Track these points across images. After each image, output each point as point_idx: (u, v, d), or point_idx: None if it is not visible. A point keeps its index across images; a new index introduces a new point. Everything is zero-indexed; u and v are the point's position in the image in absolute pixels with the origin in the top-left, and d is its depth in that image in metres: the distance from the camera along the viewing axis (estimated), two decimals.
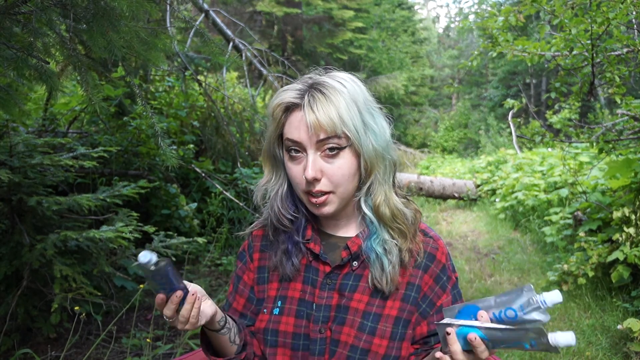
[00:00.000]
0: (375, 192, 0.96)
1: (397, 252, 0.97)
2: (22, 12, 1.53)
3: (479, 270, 4.56)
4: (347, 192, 0.96)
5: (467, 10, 32.79)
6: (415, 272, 0.99)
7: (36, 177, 2.60)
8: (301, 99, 0.91)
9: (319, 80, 0.94)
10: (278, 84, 5.17)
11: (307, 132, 0.90)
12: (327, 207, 0.95)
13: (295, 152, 0.93)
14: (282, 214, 1.02)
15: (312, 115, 0.88)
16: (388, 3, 23.75)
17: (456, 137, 20.38)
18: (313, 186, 0.93)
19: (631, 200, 3.66)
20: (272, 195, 1.04)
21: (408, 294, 0.98)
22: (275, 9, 13.60)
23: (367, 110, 0.94)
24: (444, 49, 30.56)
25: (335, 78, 0.94)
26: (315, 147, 0.91)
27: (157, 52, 1.89)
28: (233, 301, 1.10)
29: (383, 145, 0.95)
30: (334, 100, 0.89)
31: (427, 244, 1.02)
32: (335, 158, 0.92)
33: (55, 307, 2.34)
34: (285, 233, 1.04)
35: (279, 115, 0.95)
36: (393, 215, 0.97)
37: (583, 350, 2.83)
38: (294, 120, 0.93)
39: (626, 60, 3.30)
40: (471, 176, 9.39)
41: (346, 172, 0.93)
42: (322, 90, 0.91)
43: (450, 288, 1.01)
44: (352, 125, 0.90)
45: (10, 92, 1.86)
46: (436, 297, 1.00)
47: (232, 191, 4.42)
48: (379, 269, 0.96)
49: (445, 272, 1.01)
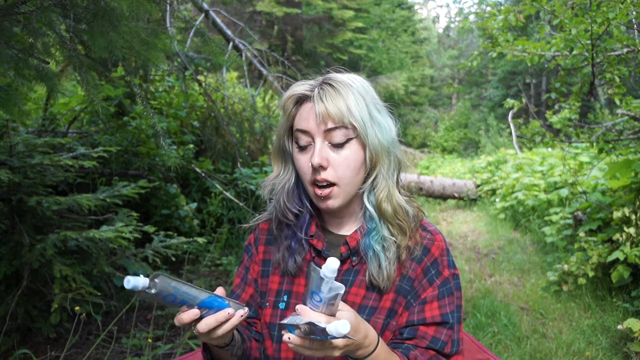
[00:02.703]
0: (379, 186, 0.98)
1: (394, 249, 0.98)
2: (22, 12, 1.53)
3: (479, 270, 4.56)
4: (352, 186, 0.98)
5: (467, 10, 32.79)
6: (410, 264, 1.00)
7: (36, 177, 2.60)
8: (312, 92, 0.96)
9: (330, 76, 0.99)
10: (278, 84, 5.17)
11: (315, 121, 0.94)
12: (332, 200, 0.97)
13: (304, 142, 0.97)
14: (288, 207, 1.04)
15: (321, 105, 0.93)
16: (388, 3, 23.74)
17: (456, 137, 20.38)
18: (318, 174, 0.95)
19: (631, 200, 3.66)
20: (279, 189, 1.06)
21: (400, 285, 0.99)
22: (275, 9, 13.60)
23: (374, 107, 0.97)
24: (444, 49, 30.55)
25: (345, 76, 1.00)
26: (323, 136, 0.94)
27: (157, 52, 1.90)
28: (242, 292, 1.11)
29: (389, 140, 0.98)
30: (343, 93, 0.94)
31: (424, 238, 1.02)
32: (342, 149, 0.95)
33: (55, 307, 2.34)
34: (289, 228, 1.06)
35: (289, 108, 0.99)
36: (395, 212, 0.98)
37: (583, 350, 2.83)
38: (304, 111, 0.97)
39: (626, 60, 3.30)
40: (471, 176, 9.39)
41: (352, 163, 0.95)
42: (332, 84, 0.95)
43: (438, 283, 1.00)
44: (360, 117, 0.94)
45: (10, 92, 1.86)
46: (422, 289, 1.00)
47: (232, 191, 4.42)
48: (376, 266, 0.97)
49: (435, 266, 1.01)
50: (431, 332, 0.98)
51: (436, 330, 0.98)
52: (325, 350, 0.79)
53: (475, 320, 3.29)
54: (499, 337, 3.04)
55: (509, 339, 3.02)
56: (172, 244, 2.95)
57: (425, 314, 0.98)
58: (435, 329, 0.98)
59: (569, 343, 2.92)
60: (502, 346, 2.96)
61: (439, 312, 0.98)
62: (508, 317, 3.30)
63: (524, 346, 2.92)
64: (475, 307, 3.51)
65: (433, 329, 0.98)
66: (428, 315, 0.98)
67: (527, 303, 3.65)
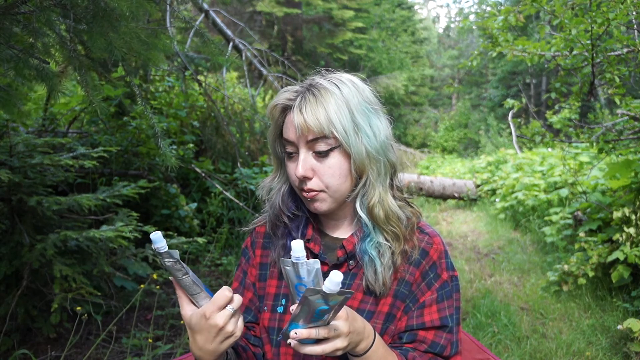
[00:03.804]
0: (368, 193, 0.97)
1: (389, 255, 0.97)
2: (22, 12, 1.53)
3: (479, 270, 4.56)
4: (340, 192, 0.97)
5: (467, 10, 32.80)
6: (408, 267, 0.99)
7: (36, 177, 2.60)
8: (294, 101, 0.94)
9: (315, 82, 0.96)
10: (278, 84, 5.17)
11: (296, 133, 0.92)
12: (319, 203, 0.97)
13: (291, 150, 0.96)
14: (282, 211, 1.04)
15: (299, 117, 0.91)
16: (388, 3, 23.75)
17: (456, 137, 20.39)
18: (305, 184, 0.95)
19: (631, 201, 3.66)
20: (275, 192, 1.06)
21: (398, 289, 0.99)
22: (275, 9, 13.61)
23: (362, 111, 0.94)
24: (444, 49, 30.57)
25: (332, 80, 0.96)
26: (306, 147, 0.93)
27: (157, 52, 1.89)
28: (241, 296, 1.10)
29: (376, 147, 0.95)
30: (324, 102, 0.91)
31: (422, 241, 1.02)
32: (326, 158, 0.94)
33: (55, 307, 2.34)
34: (285, 227, 1.05)
35: (276, 116, 0.98)
36: (387, 218, 0.97)
37: (583, 350, 2.83)
38: (288, 121, 0.96)
39: (626, 60, 3.30)
40: (471, 176, 9.40)
41: (336, 172, 0.94)
42: (314, 92, 0.92)
43: (437, 286, 0.99)
44: (341, 127, 0.91)
45: (10, 92, 1.86)
46: (420, 293, 0.99)
47: (232, 191, 4.42)
48: (372, 272, 0.96)
49: (434, 269, 1.00)
50: (430, 336, 0.97)
51: (435, 334, 0.97)
52: (333, 342, 0.79)
53: (475, 320, 3.29)
54: (499, 337, 3.04)
55: (509, 339, 3.02)
56: (172, 244, 2.94)
57: (424, 318, 0.98)
58: (435, 333, 0.97)
59: (569, 343, 2.92)
60: (502, 346, 2.96)
61: (438, 316, 0.98)
62: (508, 317, 3.30)
63: (524, 346, 2.92)
64: (475, 307, 3.51)
65: (432, 333, 0.97)
66: (427, 320, 0.97)
67: (527, 303, 3.65)
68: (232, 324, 0.83)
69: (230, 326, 0.83)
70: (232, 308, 0.83)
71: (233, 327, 0.83)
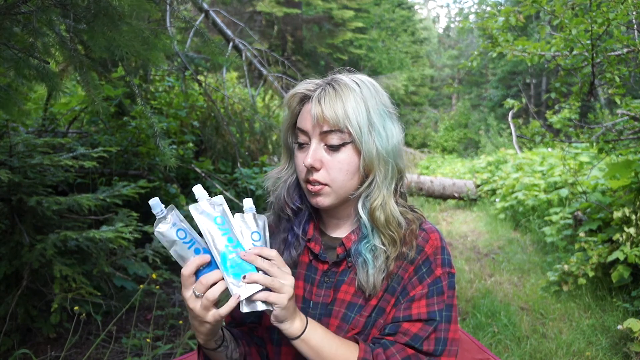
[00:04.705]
0: (373, 194, 0.97)
1: (383, 259, 0.97)
2: (22, 12, 1.52)
3: (479, 270, 4.56)
4: (344, 189, 0.97)
5: (467, 11, 32.80)
6: (402, 263, 0.99)
7: (36, 177, 2.60)
8: (314, 92, 0.96)
9: (337, 77, 0.98)
10: (278, 84, 5.17)
11: (312, 122, 0.94)
12: (322, 197, 0.97)
13: (303, 141, 0.97)
14: (287, 202, 1.05)
15: (318, 107, 0.92)
16: (388, 3, 23.76)
17: (456, 137, 20.39)
18: (311, 174, 0.95)
19: (631, 201, 3.66)
20: (281, 184, 1.07)
21: (389, 284, 0.99)
22: (275, 9, 13.62)
23: (378, 113, 0.95)
24: (444, 49, 30.57)
25: (353, 78, 0.98)
26: (319, 138, 0.94)
27: (157, 52, 1.89)
28: None
29: (387, 149, 0.96)
30: (344, 96, 0.93)
31: (418, 237, 1.01)
32: (337, 152, 0.94)
33: (55, 307, 2.34)
34: (288, 221, 1.06)
35: (293, 105, 0.99)
36: (387, 222, 0.97)
37: (583, 350, 2.83)
38: (305, 111, 0.97)
39: (626, 60, 3.30)
40: (471, 176, 9.40)
41: (345, 167, 0.95)
42: (335, 86, 0.94)
43: (429, 282, 0.97)
44: (356, 123, 0.92)
45: (10, 92, 1.86)
46: (411, 286, 0.98)
47: (232, 191, 4.42)
48: (364, 273, 0.97)
49: (427, 264, 0.99)
50: (414, 329, 0.95)
51: (421, 327, 0.95)
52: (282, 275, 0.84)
53: (475, 320, 3.29)
54: (499, 337, 3.04)
55: (509, 339, 3.02)
56: None
57: (411, 310, 0.96)
58: (421, 326, 0.95)
59: (569, 343, 2.92)
60: (502, 346, 2.96)
61: (425, 310, 0.96)
62: (508, 317, 3.30)
63: (524, 346, 2.92)
64: (475, 307, 3.51)
65: (418, 326, 0.95)
66: (414, 312, 0.96)
67: (527, 303, 3.65)
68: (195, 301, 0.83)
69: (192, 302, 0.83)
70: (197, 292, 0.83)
71: (193, 304, 0.83)
